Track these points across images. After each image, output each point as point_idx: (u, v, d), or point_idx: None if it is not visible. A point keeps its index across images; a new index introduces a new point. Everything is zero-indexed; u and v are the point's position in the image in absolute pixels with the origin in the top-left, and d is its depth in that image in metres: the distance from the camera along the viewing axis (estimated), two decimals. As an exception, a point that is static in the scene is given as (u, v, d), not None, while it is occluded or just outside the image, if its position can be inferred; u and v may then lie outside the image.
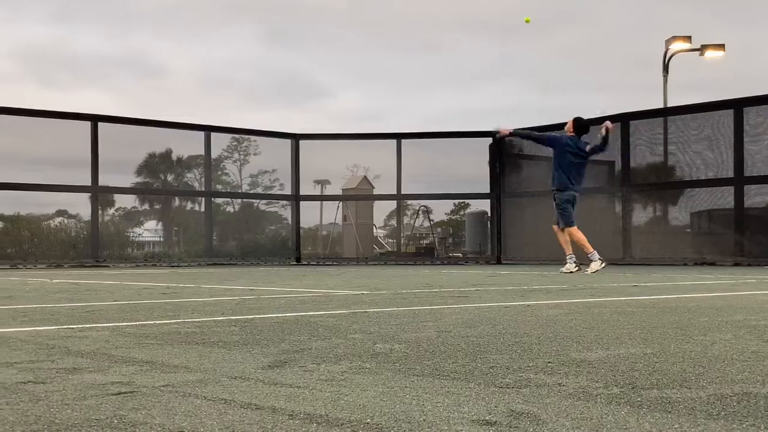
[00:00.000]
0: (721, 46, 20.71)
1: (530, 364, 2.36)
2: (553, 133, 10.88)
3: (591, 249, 10.14)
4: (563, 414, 1.71)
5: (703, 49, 20.54)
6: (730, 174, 14.11)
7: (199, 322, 3.70)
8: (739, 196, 14.02)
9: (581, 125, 10.53)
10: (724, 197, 14.42)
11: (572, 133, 10.40)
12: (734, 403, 1.80)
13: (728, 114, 14.15)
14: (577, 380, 2.09)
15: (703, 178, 14.67)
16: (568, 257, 10.32)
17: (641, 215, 16.34)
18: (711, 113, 14.51)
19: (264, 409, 1.76)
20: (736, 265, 13.35)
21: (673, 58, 20.89)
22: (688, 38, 20.72)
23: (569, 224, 10.31)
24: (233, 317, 3.93)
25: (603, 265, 10.04)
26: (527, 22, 12.74)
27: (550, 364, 2.36)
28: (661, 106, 19.01)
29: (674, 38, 20.66)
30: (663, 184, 15.56)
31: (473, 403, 1.81)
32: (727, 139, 14.17)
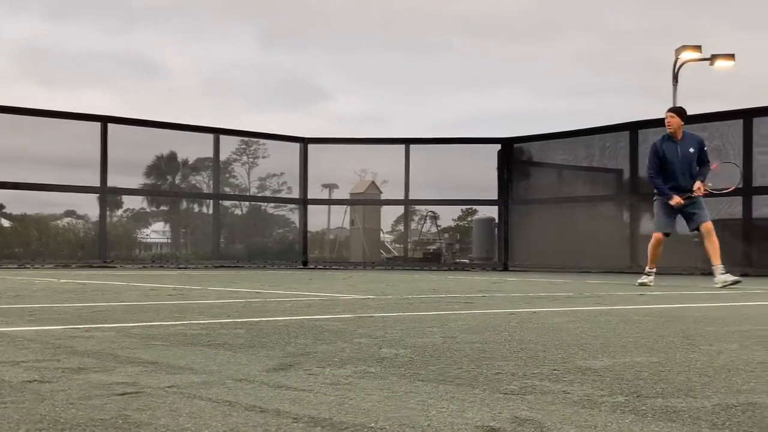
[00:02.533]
0: (731, 56, 20.64)
1: (535, 371, 2.35)
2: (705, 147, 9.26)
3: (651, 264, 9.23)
4: (567, 421, 1.70)
5: (713, 58, 20.48)
6: (739, 184, 14.06)
7: (205, 324, 3.70)
8: (747, 207, 13.97)
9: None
10: (733, 207, 14.37)
11: (683, 125, 9.03)
12: (739, 414, 1.80)
13: (737, 124, 14.10)
14: (582, 388, 2.09)
15: (711, 188, 14.61)
16: (714, 268, 8.86)
17: (649, 223, 16.26)
18: (720, 123, 14.47)
19: (268, 411, 1.76)
20: (744, 275, 13.27)
21: (683, 66, 20.84)
22: (698, 47, 20.66)
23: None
24: (239, 320, 3.94)
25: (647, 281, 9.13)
26: None
27: (555, 372, 2.35)
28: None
29: (684, 47, 20.60)
30: (671, 193, 15.50)
31: (477, 409, 1.81)
32: (736, 149, 14.12)
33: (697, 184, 8.97)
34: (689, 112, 9.54)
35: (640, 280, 9.16)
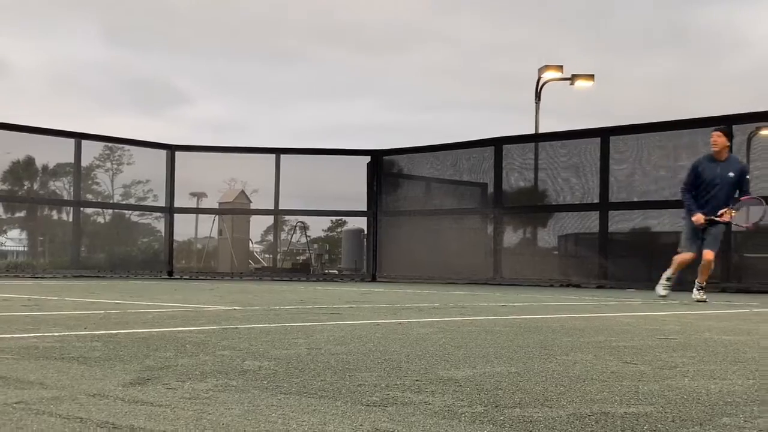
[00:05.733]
0: (591, 77, 21.55)
1: (398, 382, 2.37)
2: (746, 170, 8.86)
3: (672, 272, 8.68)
4: (427, 433, 1.71)
5: (573, 78, 21.33)
6: (596, 200, 14.68)
7: (59, 336, 3.54)
8: (603, 221, 14.59)
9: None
10: (591, 221, 14.98)
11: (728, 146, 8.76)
12: (593, 423, 1.86)
13: (595, 142, 14.73)
14: (443, 398, 2.11)
15: (570, 202, 15.21)
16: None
17: (512, 237, 16.77)
18: (579, 141, 15.08)
19: (121, 428, 1.70)
20: (600, 287, 13.88)
21: (545, 84, 21.61)
22: (560, 67, 21.48)
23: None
24: (96, 332, 3.79)
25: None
26: None
27: (417, 382, 2.37)
28: (533, 131, 19.63)
29: (547, 67, 21.38)
30: (533, 207, 16.04)
31: (339, 422, 1.80)
32: (593, 166, 14.74)
33: (725, 210, 8.45)
34: (550, 129, 9.85)
35: (661, 293, 8.66)
